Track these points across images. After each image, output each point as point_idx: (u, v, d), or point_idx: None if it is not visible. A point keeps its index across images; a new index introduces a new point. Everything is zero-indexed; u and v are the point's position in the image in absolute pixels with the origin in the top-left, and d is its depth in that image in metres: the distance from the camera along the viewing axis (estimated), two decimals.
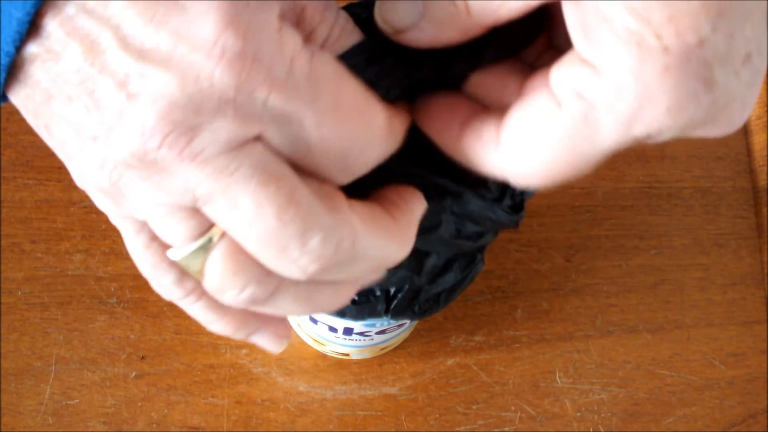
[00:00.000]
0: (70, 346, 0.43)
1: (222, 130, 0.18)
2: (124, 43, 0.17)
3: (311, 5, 0.20)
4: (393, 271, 0.26)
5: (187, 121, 0.17)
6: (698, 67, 0.17)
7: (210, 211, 0.19)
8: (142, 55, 0.17)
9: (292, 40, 0.18)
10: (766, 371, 0.47)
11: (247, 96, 0.18)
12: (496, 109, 0.21)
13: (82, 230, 0.45)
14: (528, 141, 0.20)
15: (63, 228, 0.45)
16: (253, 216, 0.18)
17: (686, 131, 0.19)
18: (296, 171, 0.19)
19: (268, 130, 0.18)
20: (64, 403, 0.42)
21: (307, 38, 0.20)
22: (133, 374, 0.43)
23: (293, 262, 0.19)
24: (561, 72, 0.19)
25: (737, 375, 0.47)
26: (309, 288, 0.21)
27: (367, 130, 0.20)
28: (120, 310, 0.44)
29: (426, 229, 0.25)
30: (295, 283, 0.20)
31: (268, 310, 0.21)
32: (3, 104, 0.20)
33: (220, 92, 0.17)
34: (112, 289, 0.44)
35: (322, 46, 0.20)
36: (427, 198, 0.25)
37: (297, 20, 0.19)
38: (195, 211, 0.19)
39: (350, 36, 0.21)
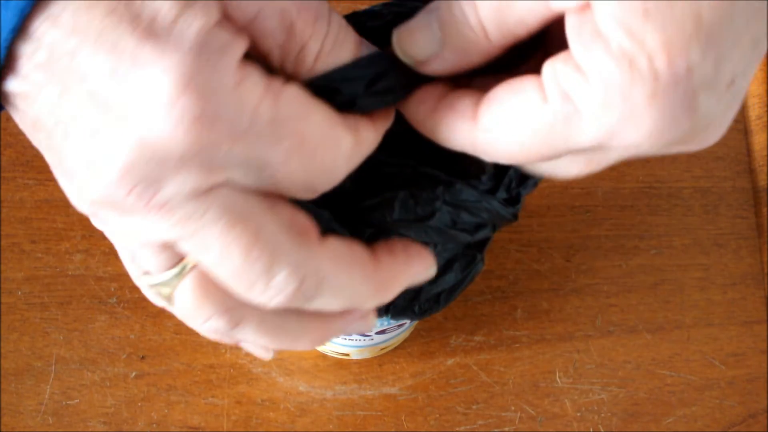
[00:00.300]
0: (70, 346, 0.43)
1: (187, 181, 0.18)
2: (91, 94, 0.17)
3: (301, 19, 0.19)
4: None
5: (151, 175, 0.18)
6: (684, 95, 0.17)
7: (182, 248, 0.19)
8: (107, 108, 0.17)
9: (254, 89, 0.18)
10: (766, 371, 0.47)
11: (210, 151, 0.18)
12: (473, 89, 0.22)
13: (82, 230, 0.45)
14: (506, 122, 0.20)
15: (63, 228, 0.45)
16: (221, 256, 0.19)
17: (661, 150, 0.19)
18: (264, 198, 0.20)
19: (234, 175, 0.19)
20: (64, 403, 0.42)
21: (300, 53, 0.20)
22: (133, 374, 0.43)
23: (260, 294, 0.20)
24: (554, 68, 0.19)
25: (737, 375, 0.47)
26: (275, 322, 0.21)
27: (333, 156, 0.20)
28: (120, 310, 0.44)
29: (420, 218, 0.25)
30: (261, 318, 0.21)
31: (233, 340, 0.22)
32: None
33: (181, 151, 0.18)
34: (112, 289, 0.44)
35: (316, 59, 0.20)
36: (419, 187, 0.25)
37: (287, 36, 0.19)
38: (167, 246, 0.20)
39: (344, 46, 0.20)
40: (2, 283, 0.44)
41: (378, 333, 0.37)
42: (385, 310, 0.29)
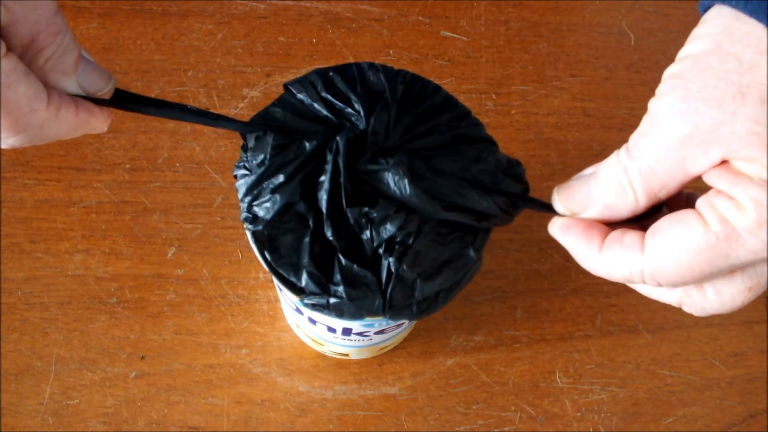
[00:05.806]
0: (70, 346, 0.43)
1: None
2: None
3: (45, 31, 0.25)
4: (385, 219, 0.29)
5: None
6: None
7: None
8: None
9: None
10: (766, 371, 0.47)
11: None
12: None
13: (82, 230, 0.45)
14: (672, 246, 0.24)
15: (63, 228, 0.45)
16: None
17: None
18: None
19: None
20: (64, 403, 0.42)
21: (37, 54, 0.25)
22: (133, 374, 0.43)
23: None
24: (709, 200, 0.24)
25: (737, 375, 0.47)
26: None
27: (28, 120, 0.25)
28: (120, 310, 0.44)
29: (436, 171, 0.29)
30: None
31: None
32: None
33: None
34: (112, 289, 0.44)
35: (47, 61, 0.25)
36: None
37: (31, 41, 0.24)
38: None
39: (68, 56, 0.25)
40: (2, 283, 0.44)
41: (377, 333, 0.37)
42: (382, 306, 0.29)
